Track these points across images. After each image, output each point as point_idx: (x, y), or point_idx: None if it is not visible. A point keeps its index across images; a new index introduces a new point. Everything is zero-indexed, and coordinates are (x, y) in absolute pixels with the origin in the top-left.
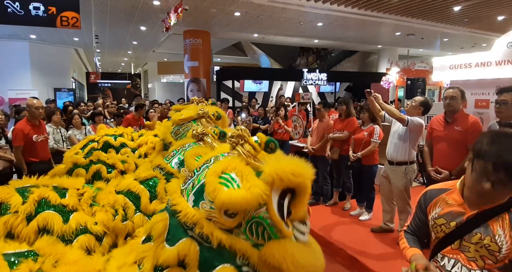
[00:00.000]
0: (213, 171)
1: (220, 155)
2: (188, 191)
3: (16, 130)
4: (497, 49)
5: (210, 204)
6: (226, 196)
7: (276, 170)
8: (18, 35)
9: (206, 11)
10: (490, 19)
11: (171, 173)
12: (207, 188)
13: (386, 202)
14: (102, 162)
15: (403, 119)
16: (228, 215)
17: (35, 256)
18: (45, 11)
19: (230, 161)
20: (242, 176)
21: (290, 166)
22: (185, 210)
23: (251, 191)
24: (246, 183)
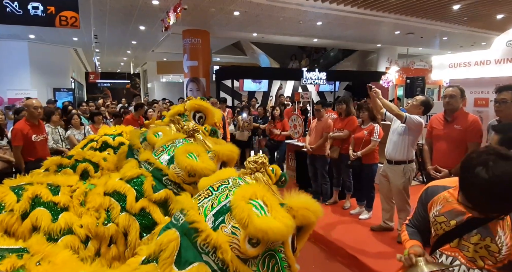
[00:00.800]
0: (242, 196)
1: (237, 178)
2: (206, 210)
3: (15, 130)
4: (496, 47)
5: (232, 229)
6: (261, 223)
7: (300, 206)
8: (17, 35)
9: (205, 11)
10: (489, 17)
11: (160, 169)
12: (238, 212)
13: (386, 200)
14: (88, 161)
15: (401, 115)
16: (251, 244)
17: (24, 253)
18: (44, 11)
19: (257, 188)
20: (271, 205)
21: (312, 205)
22: (207, 231)
23: (284, 223)
24: (276, 213)
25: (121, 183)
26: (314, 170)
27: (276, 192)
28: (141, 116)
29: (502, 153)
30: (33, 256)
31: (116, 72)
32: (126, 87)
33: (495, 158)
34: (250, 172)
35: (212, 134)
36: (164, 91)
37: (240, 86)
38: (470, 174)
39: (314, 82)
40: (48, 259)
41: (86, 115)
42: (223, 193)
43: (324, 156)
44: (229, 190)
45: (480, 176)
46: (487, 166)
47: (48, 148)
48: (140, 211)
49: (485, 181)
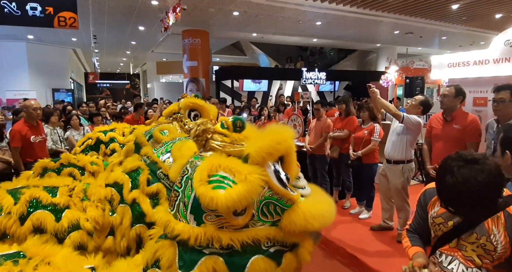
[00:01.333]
0: (199, 180)
1: (194, 159)
2: (182, 212)
3: (14, 131)
4: (494, 47)
5: (214, 214)
6: (227, 198)
7: (261, 148)
8: (16, 35)
9: (205, 11)
10: (488, 17)
11: (155, 162)
12: (202, 200)
13: (385, 200)
14: (73, 165)
15: (399, 115)
16: (238, 214)
17: (20, 258)
18: (42, 11)
19: (211, 160)
20: (230, 170)
21: (271, 138)
22: (192, 234)
23: (250, 181)
24: (240, 175)
25: (120, 174)
26: (313, 170)
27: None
28: (141, 116)
29: (467, 159)
30: (30, 259)
31: (115, 73)
32: (125, 88)
33: (462, 164)
34: (202, 144)
35: None
36: (164, 92)
37: (240, 86)
38: (441, 180)
39: (313, 82)
40: (47, 260)
41: (85, 116)
42: (187, 186)
43: (323, 156)
44: (190, 179)
45: (447, 181)
46: (452, 172)
47: (47, 149)
48: (132, 202)
49: (450, 186)
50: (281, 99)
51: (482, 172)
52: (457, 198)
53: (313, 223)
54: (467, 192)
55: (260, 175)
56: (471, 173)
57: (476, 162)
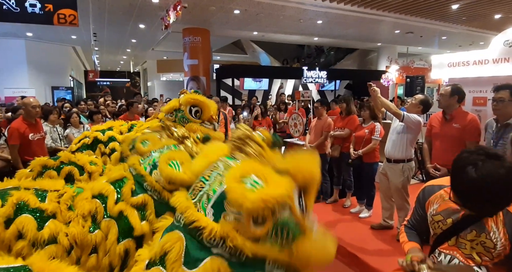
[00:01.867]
0: (232, 177)
1: (227, 158)
2: (204, 204)
3: (12, 129)
4: (494, 47)
5: (234, 215)
6: (257, 197)
7: (299, 168)
8: (14, 33)
9: (205, 9)
10: (487, 17)
11: (141, 175)
12: (231, 195)
13: (385, 199)
14: (73, 164)
15: (399, 114)
16: (258, 224)
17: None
18: (41, 9)
19: (246, 164)
20: (263, 176)
21: (310, 164)
22: (209, 226)
23: (281, 185)
24: (272, 182)
25: (105, 185)
26: None
27: (274, 156)
28: (136, 115)
29: (491, 154)
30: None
31: (115, 71)
32: (126, 86)
33: (484, 158)
34: (239, 149)
35: (205, 141)
36: (164, 90)
37: (240, 84)
38: (461, 173)
39: (314, 81)
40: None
41: (84, 114)
42: (216, 181)
43: (324, 154)
44: (220, 175)
45: (469, 175)
46: (476, 165)
47: (46, 147)
48: (119, 214)
49: (473, 180)
50: (282, 97)
51: (503, 167)
52: (478, 192)
53: (319, 257)
54: (489, 187)
55: (291, 188)
56: (494, 167)
57: (497, 158)
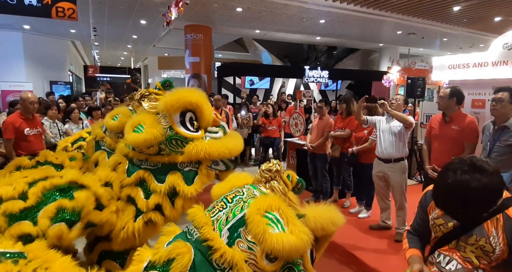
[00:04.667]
0: (257, 209)
1: (252, 187)
2: (221, 224)
3: (6, 123)
4: (493, 50)
5: (249, 244)
6: (277, 240)
7: (320, 218)
8: (11, 25)
9: (208, 6)
10: (488, 19)
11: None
12: (253, 228)
13: (382, 199)
14: (49, 163)
15: (411, 122)
16: (269, 260)
17: (21, 258)
18: (39, 1)
19: (273, 199)
20: (287, 218)
21: (331, 215)
22: (222, 249)
23: (302, 238)
24: (294, 228)
25: (109, 173)
26: (314, 169)
27: (294, 199)
28: None
29: (477, 166)
30: (30, 262)
31: (116, 67)
32: (126, 82)
33: (467, 169)
34: (264, 181)
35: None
36: None
37: (242, 83)
38: (440, 177)
39: (316, 80)
40: (46, 266)
41: (83, 110)
42: (238, 205)
43: (324, 154)
44: (244, 201)
45: (445, 180)
46: (455, 173)
47: (43, 142)
48: (128, 198)
49: (445, 186)
50: (283, 97)
51: (479, 181)
52: (446, 198)
53: None
54: (457, 195)
55: (311, 239)
56: (469, 179)
57: (481, 172)
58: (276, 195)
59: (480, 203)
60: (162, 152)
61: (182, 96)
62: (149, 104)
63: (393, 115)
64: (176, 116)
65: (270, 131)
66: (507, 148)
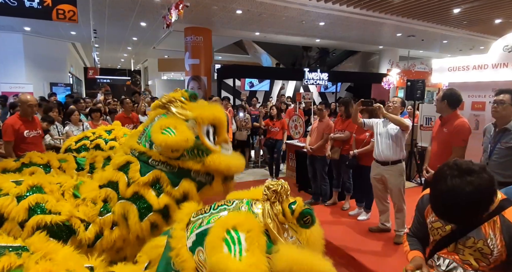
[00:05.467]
0: (224, 223)
1: (245, 202)
2: (194, 228)
3: (6, 125)
4: (493, 52)
5: (205, 257)
6: (222, 263)
7: (289, 261)
8: (12, 26)
9: (208, 8)
10: (488, 22)
11: (143, 152)
12: (209, 239)
13: (380, 202)
14: (35, 164)
15: (408, 125)
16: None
17: (24, 251)
18: (40, 3)
19: (248, 219)
20: (251, 244)
21: (307, 262)
22: (178, 250)
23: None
24: (250, 257)
25: (113, 172)
26: (313, 171)
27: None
28: (133, 113)
29: (463, 169)
30: (32, 254)
31: (116, 68)
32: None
33: (456, 174)
34: (264, 199)
35: (192, 99)
36: (165, 89)
37: (241, 85)
38: (433, 187)
39: (315, 82)
40: (49, 257)
41: (84, 112)
42: (217, 214)
43: (324, 157)
44: (227, 211)
45: (438, 189)
46: (445, 180)
47: (43, 145)
48: (133, 195)
49: (440, 195)
50: (282, 99)
51: (471, 184)
52: (444, 206)
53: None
54: (454, 202)
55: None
56: (461, 183)
57: (470, 173)
58: (260, 217)
59: (478, 205)
60: (182, 158)
61: (213, 110)
62: (178, 109)
63: (389, 119)
64: (205, 127)
65: (273, 133)
66: (507, 150)
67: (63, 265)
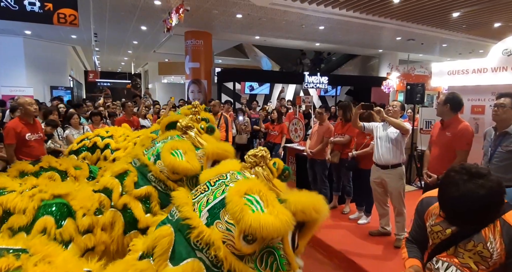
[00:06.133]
0: (237, 190)
1: (236, 172)
2: (201, 206)
3: (8, 128)
4: (493, 56)
5: (227, 225)
6: (254, 219)
7: (300, 202)
8: (12, 30)
9: (208, 12)
10: (487, 25)
11: (145, 164)
12: (231, 207)
13: (380, 205)
14: (54, 169)
15: (408, 129)
16: (247, 241)
17: (23, 253)
18: (41, 7)
19: (254, 182)
20: (267, 200)
21: (313, 201)
22: (200, 228)
23: (280, 219)
24: (273, 209)
25: (110, 179)
26: (313, 175)
27: (280, 186)
28: (134, 116)
29: (473, 173)
30: (31, 256)
31: (116, 72)
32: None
33: (467, 178)
34: (250, 166)
35: (209, 132)
36: (165, 92)
37: (241, 88)
38: (444, 192)
39: (315, 86)
40: (48, 260)
41: (85, 115)
42: (220, 188)
43: (324, 160)
44: (225, 185)
45: (451, 195)
46: (458, 185)
47: (44, 148)
48: (123, 207)
49: (454, 200)
50: (282, 102)
51: (483, 187)
52: (456, 211)
53: None
54: (469, 206)
55: (291, 221)
56: (474, 188)
57: (480, 177)
58: (259, 179)
59: (489, 207)
60: (179, 182)
61: (225, 148)
62: (196, 136)
63: (390, 122)
64: (211, 162)
65: (272, 136)
66: (508, 154)
67: (62, 268)
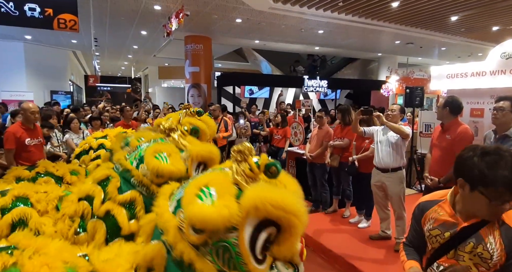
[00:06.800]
0: (197, 182)
1: (218, 168)
2: (175, 196)
3: (8, 133)
4: (491, 59)
5: (183, 213)
6: (195, 209)
7: (254, 197)
8: (13, 35)
9: (208, 17)
10: (486, 29)
11: (128, 169)
12: (184, 197)
13: (381, 209)
14: (50, 174)
15: (408, 133)
16: (195, 231)
17: (15, 250)
18: (41, 13)
19: (217, 175)
20: (220, 193)
21: (272, 196)
22: (162, 214)
23: (219, 211)
24: (220, 202)
25: (91, 186)
26: (313, 178)
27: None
28: (133, 121)
29: (491, 149)
30: (24, 251)
31: (116, 76)
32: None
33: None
34: (233, 160)
35: (193, 133)
36: (165, 96)
37: (241, 92)
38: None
39: (315, 89)
40: (41, 252)
41: (83, 120)
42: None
43: (323, 164)
44: None
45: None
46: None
47: (44, 153)
48: (106, 214)
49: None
50: (281, 106)
51: (509, 152)
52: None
53: None
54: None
55: (232, 215)
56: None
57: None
58: (230, 176)
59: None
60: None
61: (210, 149)
62: (180, 139)
63: (389, 127)
64: (196, 164)
65: (275, 140)
66: None
67: (58, 257)
